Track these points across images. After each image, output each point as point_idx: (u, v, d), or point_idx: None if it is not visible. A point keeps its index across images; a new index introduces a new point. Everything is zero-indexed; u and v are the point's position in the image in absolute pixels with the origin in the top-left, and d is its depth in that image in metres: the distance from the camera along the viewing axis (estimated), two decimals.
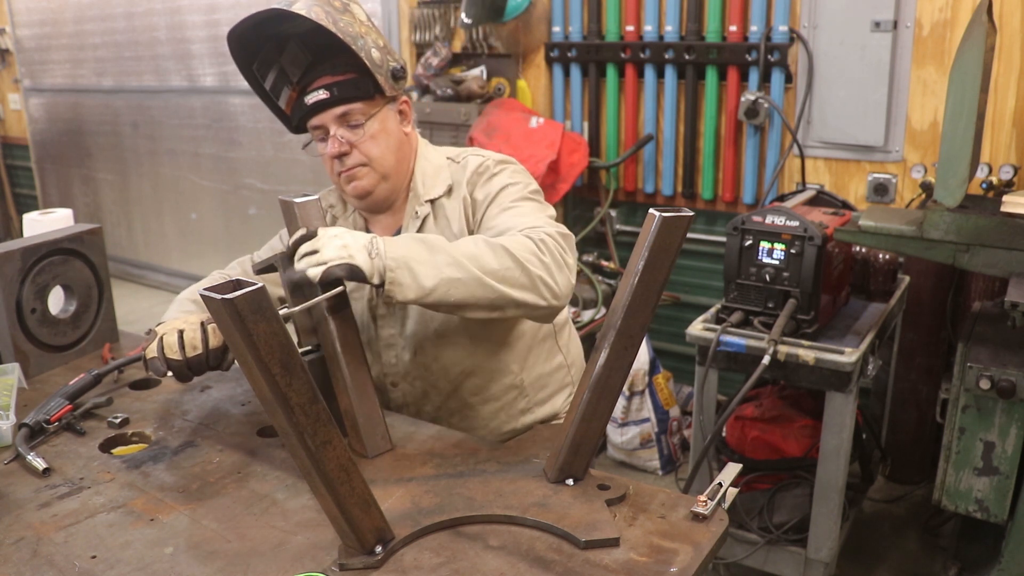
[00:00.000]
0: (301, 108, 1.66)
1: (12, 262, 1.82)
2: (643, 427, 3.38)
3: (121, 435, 1.62)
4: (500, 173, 1.72)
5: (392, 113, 1.71)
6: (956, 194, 2.04)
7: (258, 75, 1.70)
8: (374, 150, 1.67)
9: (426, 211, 1.72)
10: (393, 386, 1.80)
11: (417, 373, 1.76)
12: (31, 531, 1.30)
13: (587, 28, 3.59)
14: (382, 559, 1.20)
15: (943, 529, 2.92)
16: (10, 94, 6.56)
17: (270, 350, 1.01)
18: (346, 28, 1.57)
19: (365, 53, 1.59)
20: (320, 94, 1.62)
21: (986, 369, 2.01)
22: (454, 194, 1.73)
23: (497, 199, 1.68)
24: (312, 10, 1.55)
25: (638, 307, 1.26)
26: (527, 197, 1.69)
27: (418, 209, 1.73)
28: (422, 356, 1.74)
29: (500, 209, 1.66)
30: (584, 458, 1.38)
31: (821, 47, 3.11)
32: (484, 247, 1.44)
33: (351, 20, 1.60)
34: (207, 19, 5.07)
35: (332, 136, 1.65)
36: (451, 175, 1.75)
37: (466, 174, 1.73)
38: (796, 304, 2.31)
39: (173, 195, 5.78)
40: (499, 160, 1.75)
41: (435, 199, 1.73)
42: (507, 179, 1.71)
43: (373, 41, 1.62)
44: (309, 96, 1.63)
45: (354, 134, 1.66)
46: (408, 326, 1.75)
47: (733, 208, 3.47)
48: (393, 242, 1.42)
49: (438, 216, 1.73)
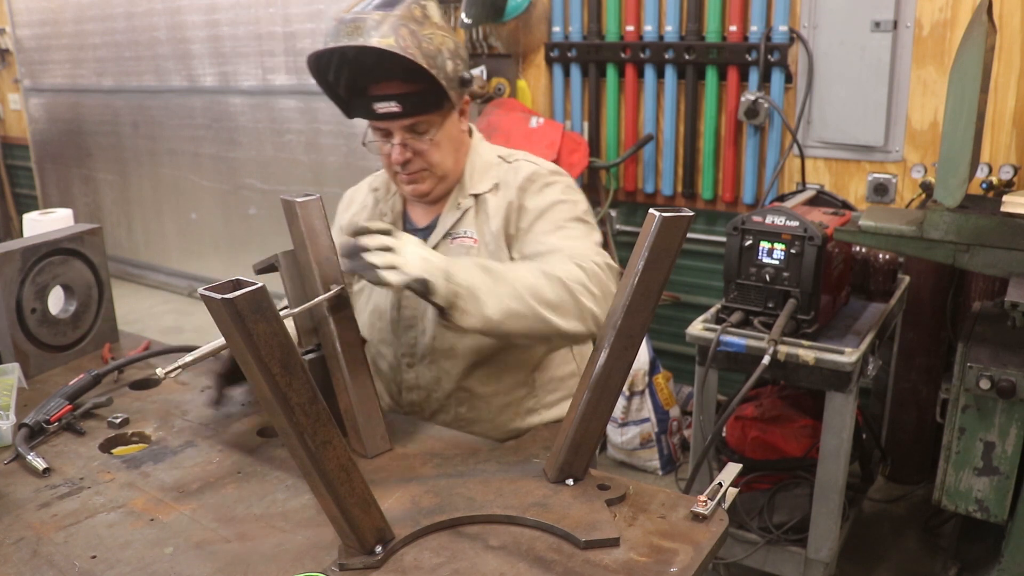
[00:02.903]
0: (367, 108, 1.65)
1: (12, 262, 1.82)
2: (643, 427, 3.38)
3: (121, 435, 1.62)
4: (553, 186, 1.72)
5: (455, 117, 1.71)
6: (956, 194, 2.04)
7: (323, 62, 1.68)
8: (436, 156, 1.69)
9: (469, 204, 1.74)
10: (408, 367, 1.80)
11: (433, 357, 1.77)
12: (31, 531, 1.30)
13: (587, 28, 3.59)
14: (382, 559, 1.20)
15: (943, 529, 2.92)
16: (10, 94, 6.56)
17: (270, 350, 1.01)
18: (427, 46, 1.56)
19: (441, 71, 1.58)
20: (391, 106, 1.62)
21: (986, 369, 2.01)
22: (499, 193, 1.74)
23: (548, 215, 1.69)
24: (398, 32, 1.54)
25: (638, 307, 1.26)
26: (579, 218, 1.70)
27: (461, 201, 1.75)
28: (440, 340, 1.75)
29: (552, 226, 1.67)
30: (584, 458, 1.38)
31: (821, 47, 3.11)
32: (542, 278, 1.47)
33: (431, 32, 1.58)
34: (207, 19, 5.07)
35: (397, 144, 1.66)
36: (499, 174, 1.76)
37: (517, 178, 1.73)
38: (796, 304, 2.31)
39: (173, 195, 5.78)
40: (552, 171, 1.75)
41: (479, 194, 1.75)
42: (559, 194, 1.71)
43: (449, 50, 1.61)
44: (380, 104, 1.63)
45: (419, 142, 1.67)
46: (430, 310, 1.73)
47: (733, 208, 3.47)
48: (461, 267, 1.43)
49: (479, 211, 1.74)
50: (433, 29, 1.59)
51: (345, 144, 4.70)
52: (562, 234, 1.65)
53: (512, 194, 1.72)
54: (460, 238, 1.74)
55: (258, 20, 4.82)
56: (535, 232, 1.68)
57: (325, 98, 1.76)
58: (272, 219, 5.16)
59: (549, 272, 1.49)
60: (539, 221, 1.69)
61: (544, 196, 1.71)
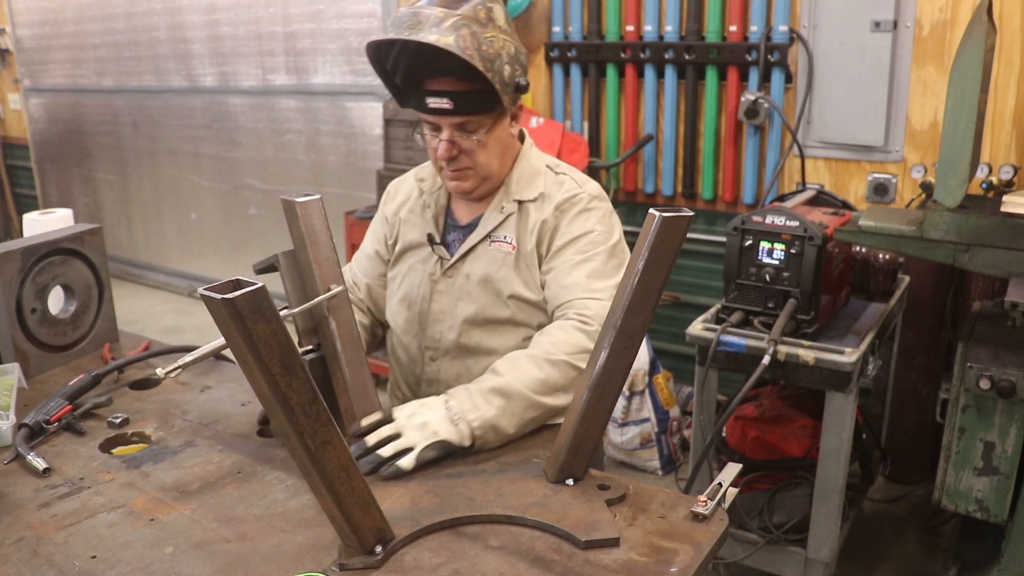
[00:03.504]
0: (419, 100, 1.65)
1: (12, 262, 1.81)
2: (643, 427, 3.38)
3: (121, 435, 1.62)
4: (591, 212, 1.72)
5: (506, 121, 1.71)
6: (956, 194, 2.04)
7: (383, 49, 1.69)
8: (482, 157, 1.69)
9: (512, 210, 1.74)
10: (431, 360, 1.81)
11: (457, 353, 1.78)
12: (31, 531, 1.30)
13: (587, 28, 3.59)
14: (382, 559, 1.20)
15: (943, 529, 2.92)
16: (10, 94, 6.56)
17: (270, 350, 1.01)
18: (487, 50, 1.55)
19: (497, 75, 1.57)
20: (443, 102, 1.61)
21: (986, 369, 2.01)
22: (543, 204, 1.73)
23: (579, 243, 1.69)
24: (460, 31, 1.53)
25: (638, 307, 1.26)
26: (609, 251, 1.69)
27: (505, 205, 1.75)
28: (467, 337, 1.76)
29: (580, 256, 1.67)
30: (584, 458, 1.38)
31: (821, 47, 3.11)
32: (547, 367, 1.53)
33: (493, 35, 1.57)
34: (207, 19, 5.07)
35: (445, 140, 1.66)
36: (545, 184, 1.76)
37: (558, 196, 1.73)
38: (796, 304, 2.31)
39: (173, 195, 5.78)
40: (593, 195, 1.74)
41: (523, 201, 1.74)
42: (594, 223, 1.71)
43: (509, 55, 1.60)
44: (432, 99, 1.62)
45: (467, 140, 1.66)
46: (460, 307, 1.77)
47: (733, 208, 3.47)
48: (470, 400, 1.47)
49: (521, 218, 1.74)
50: (496, 32, 1.58)
51: (345, 144, 4.70)
52: (587, 270, 1.66)
53: (549, 212, 1.71)
54: (499, 242, 1.74)
55: (258, 20, 4.82)
56: (563, 258, 1.69)
57: (325, 98, 1.77)
58: (272, 219, 5.16)
59: (555, 359, 1.53)
60: (569, 247, 1.69)
61: (579, 223, 1.70)
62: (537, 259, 1.72)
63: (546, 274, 1.71)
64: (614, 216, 1.77)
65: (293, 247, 1.51)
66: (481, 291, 1.74)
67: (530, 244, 1.72)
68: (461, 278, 1.76)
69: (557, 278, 1.68)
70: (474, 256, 1.76)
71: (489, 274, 1.73)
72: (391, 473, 1.39)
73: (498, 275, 1.72)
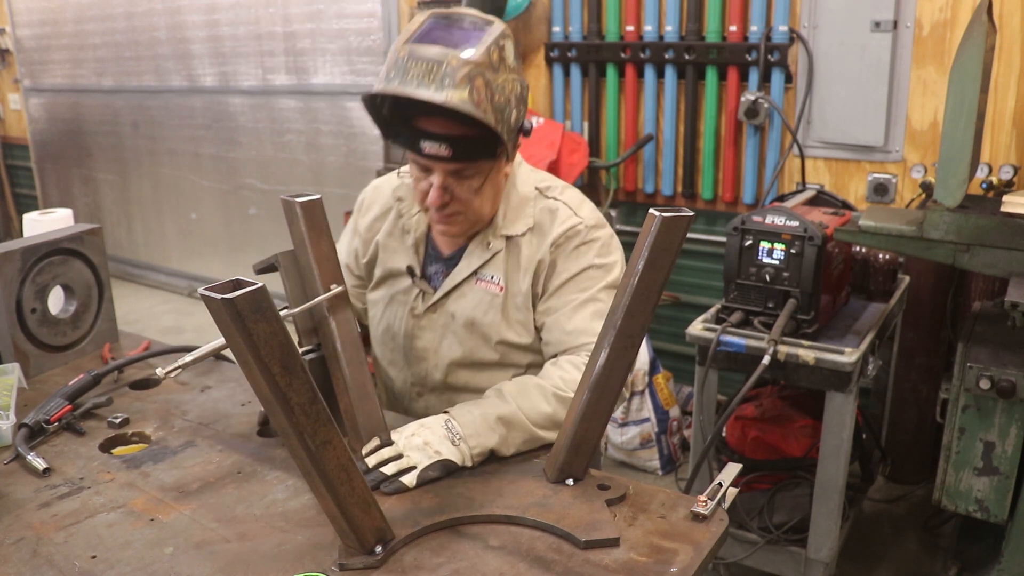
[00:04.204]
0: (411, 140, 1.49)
1: (12, 262, 1.81)
2: (643, 427, 3.38)
3: (121, 435, 1.62)
4: (590, 245, 1.62)
5: (503, 163, 1.57)
6: (956, 194, 2.04)
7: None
8: (476, 203, 1.57)
9: (499, 247, 1.63)
10: (418, 396, 1.77)
11: (443, 389, 1.74)
12: (31, 531, 1.30)
13: (587, 28, 3.59)
14: (382, 559, 1.20)
15: (943, 529, 2.92)
16: (10, 94, 6.56)
17: (270, 350, 1.01)
18: (500, 99, 1.41)
19: (506, 123, 1.44)
20: (442, 149, 1.45)
21: (986, 369, 2.01)
22: (534, 238, 1.62)
23: (577, 280, 1.60)
24: (475, 83, 1.37)
25: (638, 307, 1.26)
26: (610, 286, 1.61)
27: (492, 241, 1.63)
28: (454, 377, 1.72)
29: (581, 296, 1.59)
30: (584, 458, 1.38)
31: (821, 47, 3.11)
32: (556, 404, 1.51)
33: (504, 79, 1.42)
34: (207, 19, 5.07)
35: (437, 185, 1.51)
36: (535, 213, 1.64)
37: (554, 230, 1.61)
38: (796, 304, 2.31)
39: (173, 195, 5.78)
40: (592, 225, 1.63)
41: (512, 236, 1.63)
42: (593, 255, 1.61)
43: (516, 96, 1.46)
44: (428, 144, 1.46)
45: (461, 187, 1.53)
46: (445, 346, 1.70)
47: (733, 208, 3.47)
48: (473, 425, 1.45)
49: (510, 254, 1.63)
50: (507, 74, 1.43)
51: (345, 144, 4.70)
52: (590, 312, 1.58)
53: (545, 249, 1.61)
54: (486, 282, 1.65)
55: (258, 20, 4.82)
56: (563, 298, 1.60)
57: (325, 98, 1.74)
58: (272, 219, 5.16)
59: (562, 393, 1.51)
60: (568, 285, 1.60)
61: (578, 259, 1.61)
62: (531, 297, 1.63)
63: (544, 315, 1.63)
64: (614, 241, 1.67)
65: (293, 247, 1.51)
66: (468, 334, 1.66)
67: (523, 284, 1.62)
68: (445, 316, 1.68)
69: (559, 322, 1.60)
70: (459, 294, 1.67)
71: (476, 318, 1.65)
72: (393, 489, 1.37)
73: (485, 319, 1.64)
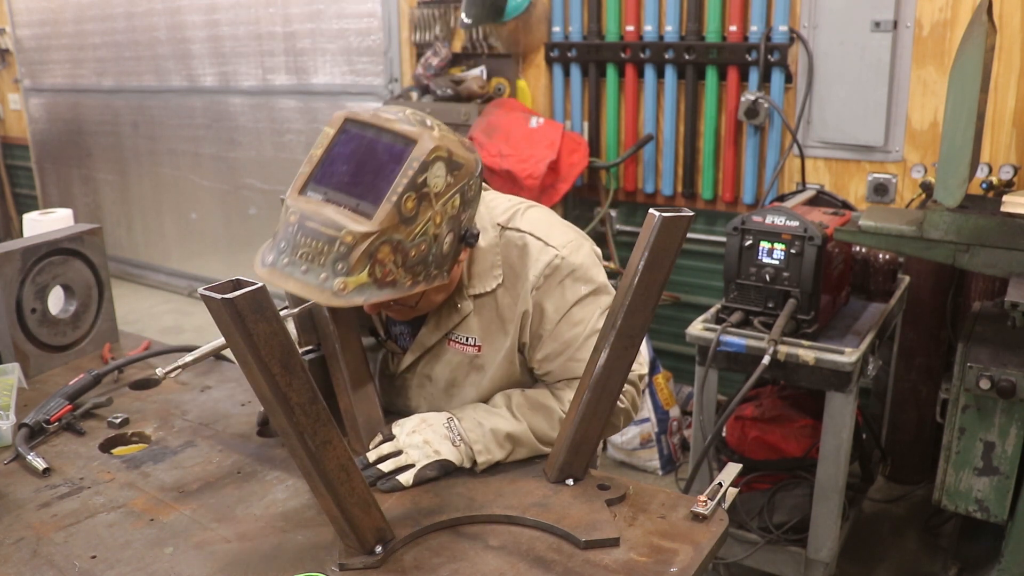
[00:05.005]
0: None
1: (12, 262, 1.82)
2: (643, 427, 3.38)
3: (121, 435, 1.62)
4: (573, 275, 1.49)
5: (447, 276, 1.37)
6: (956, 194, 2.04)
7: None
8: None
9: (470, 308, 1.51)
10: None
11: None
12: (31, 531, 1.30)
13: (587, 28, 3.59)
14: (382, 559, 1.20)
15: (943, 529, 2.92)
16: (10, 94, 6.56)
17: (270, 350, 1.01)
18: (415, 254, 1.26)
19: (435, 265, 1.30)
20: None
21: (986, 369, 2.01)
22: (509, 287, 1.50)
23: (570, 316, 1.49)
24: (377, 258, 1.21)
25: (638, 307, 1.26)
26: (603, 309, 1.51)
27: (460, 304, 1.50)
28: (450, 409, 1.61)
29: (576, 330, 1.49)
30: (584, 458, 1.38)
31: (821, 47, 3.11)
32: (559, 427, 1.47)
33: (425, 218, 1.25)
34: (207, 19, 5.07)
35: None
36: (504, 258, 1.50)
37: (529, 272, 1.48)
38: (796, 304, 2.31)
39: (173, 195, 5.78)
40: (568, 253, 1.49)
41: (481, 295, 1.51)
42: (580, 286, 1.50)
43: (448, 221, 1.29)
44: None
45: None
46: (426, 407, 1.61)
47: (733, 208, 3.47)
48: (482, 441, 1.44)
49: (484, 310, 1.51)
50: (431, 210, 1.25)
51: None
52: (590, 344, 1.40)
53: (526, 297, 1.48)
54: (460, 344, 1.54)
55: (258, 20, 4.82)
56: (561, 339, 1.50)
57: (325, 98, 1.73)
58: (272, 219, 5.14)
59: None
60: (562, 324, 1.50)
61: (563, 293, 1.49)
62: (517, 349, 1.53)
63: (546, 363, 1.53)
64: (591, 258, 1.54)
65: None
66: (448, 397, 1.59)
67: (506, 340, 1.51)
68: (421, 378, 1.60)
69: (565, 366, 1.53)
70: (432, 357, 1.57)
71: (456, 379, 1.57)
72: (389, 487, 1.38)
73: (467, 380, 1.57)
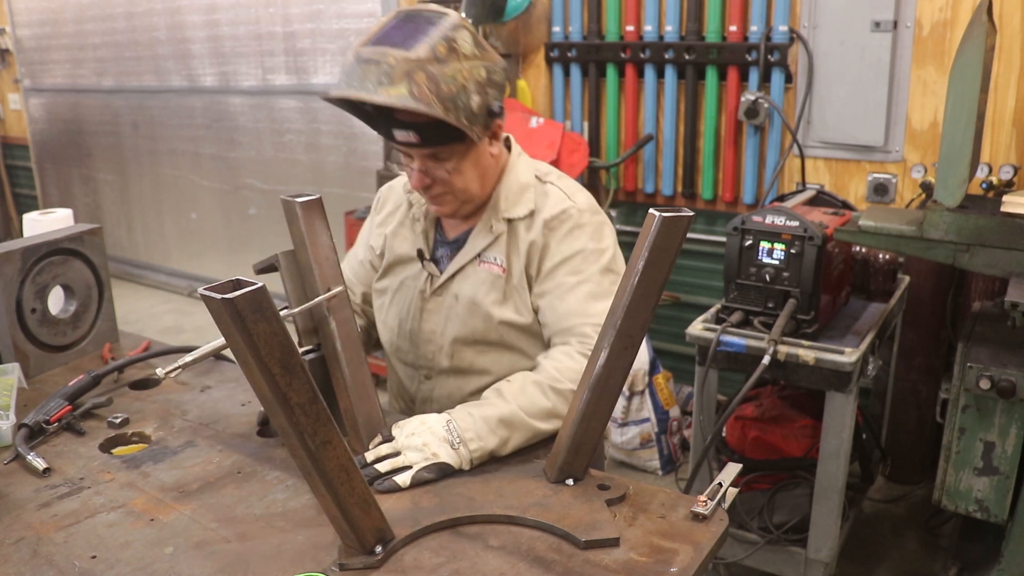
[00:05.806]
0: (387, 129, 1.55)
1: (12, 262, 1.81)
2: (643, 427, 3.38)
3: (121, 435, 1.62)
4: (582, 228, 1.65)
5: (483, 144, 1.61)
6: (956, 194, 2.04)
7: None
8: (459, 183, 1.61)
9: (502, 229, 1.67)
10: (426, 379, 1.79)
11: (450, 372, 1.75)
12: (31, 531, 1.30)
13: (587, 28, 3.59)
14: (382, 559, 1.20)
15: (943, 529, 2.92)
16: (10, 94, 6.56)
17: (270, 350, 1.01)
18: (448, 89, 1.44)
19: (463, 111, 1.47)
20: (410, 135, 1.52)
21: (986, 369, 2.01)
22: (532, 222, 1.66)
23: (570, 262, 1.63)
24: (413, 78, 1.42)
25: (638, 307, 1.26)
26: (605, 269, 1.64)
27: (494, 224, 1.67)
28: (459, 359, 1.73)
29: (574, 278, 1.62)
30: (584, 458, 1.38)
31: (821, 47, 3.11)
32: (555, 397, 1.53)
33: (455, 68, 1.45)
34: (207, 19, 5.07)
35: (416, 170, 1.58)
36: (534, 197, 1.68)
37: (546, 212, 1.65)
38: (796, 304, 2.31)
39: (173, 195, 5.79)
40: (583, 209, 1.67)
41: (513, 219, 1.67)
42: (586, 239, 1.64)
43: (477, 83, 1.49)
44: (399, 132, 1.52)
45: (439, 169, 1.58)
46: (449, 328, 1.73)
47: (733, 208, 3.47)
48: (474, 429, 1.46)
49: (512, 238, 1.67)
50: (459, 63, 1.46)
51: (345, 144, 4.71)
52: (583, 293, 1.61)
53: (538, 231, 1.64)
54: (489, 263, 1.68)
55: (258, 20, 4.82)
56: (556, 280, 1.63)
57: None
58: (272, 219, 5.16)
59: (559, 385, 1.53)
60: (561, 268, 1.63)
61: (570, 241, 1.64)
62: (527, 280, 1.67)
63: (539, 298, 1.66)
64: (607, 227, 1.70)
65: (293, 247, 1.51)
66: (469, 315, 1.69)
67: (520, 267, 1.66)
68: (450, 298, 1.72)
69: (552, 304, 1.63)
70: (463, 276, 1.71)
71: (477, 298, 1.68)
72: (386, 488, 1.38)
73: (487, 299, 1.67)
